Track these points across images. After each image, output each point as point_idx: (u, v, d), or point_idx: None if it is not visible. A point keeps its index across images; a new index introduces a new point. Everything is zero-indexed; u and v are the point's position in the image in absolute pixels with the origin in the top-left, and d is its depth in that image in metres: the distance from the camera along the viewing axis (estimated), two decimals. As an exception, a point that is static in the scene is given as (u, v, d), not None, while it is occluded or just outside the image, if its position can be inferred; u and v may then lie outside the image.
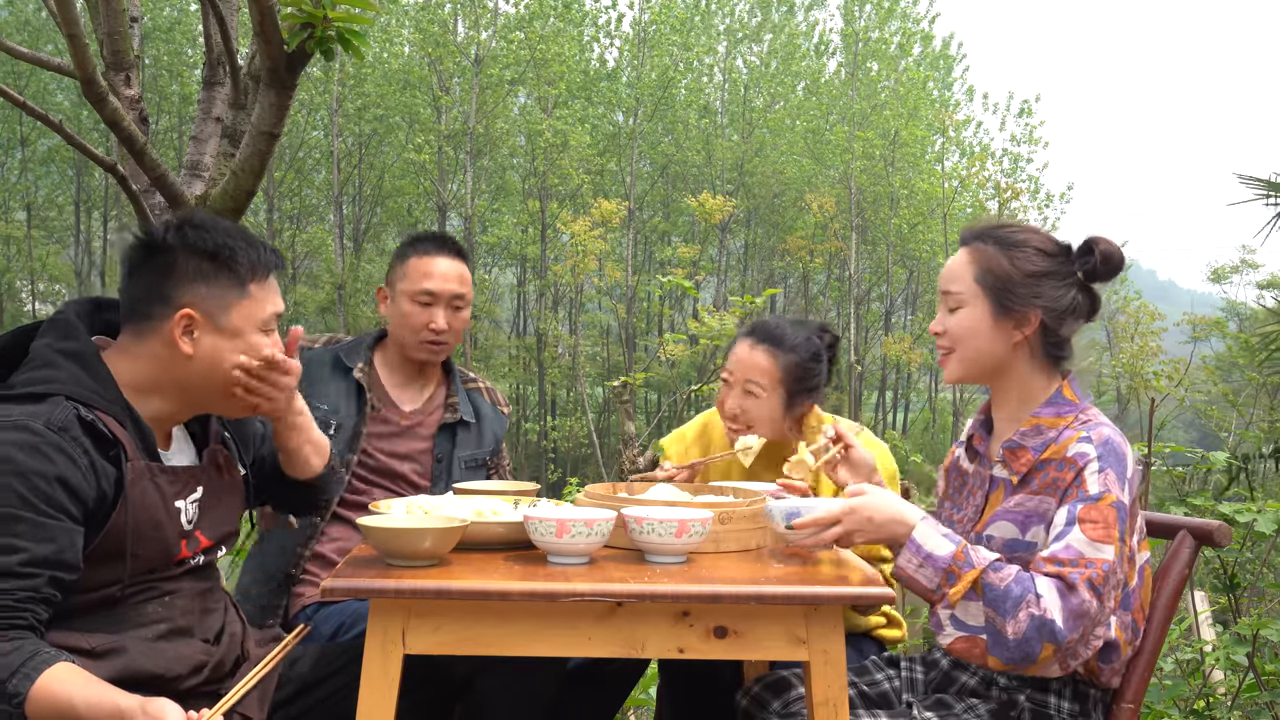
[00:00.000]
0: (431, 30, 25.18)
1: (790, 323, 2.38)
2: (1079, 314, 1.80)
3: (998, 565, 1.61)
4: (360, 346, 2.49)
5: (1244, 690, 3.09)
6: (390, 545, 1.54)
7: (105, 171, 2.65)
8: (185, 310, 1.64)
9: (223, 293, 1.67)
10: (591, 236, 22.20)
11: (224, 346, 1.66)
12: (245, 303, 1.68)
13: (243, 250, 1.69)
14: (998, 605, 1.57)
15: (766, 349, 2.31)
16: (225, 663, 1.71)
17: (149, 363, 1.66)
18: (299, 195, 28.03)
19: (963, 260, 1.82)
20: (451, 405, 2.50)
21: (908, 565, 1.64)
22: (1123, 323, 21.09)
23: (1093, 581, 1.57)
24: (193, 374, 1.66)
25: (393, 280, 2.49)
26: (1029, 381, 1.81)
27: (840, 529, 1.66)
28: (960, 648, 1.62)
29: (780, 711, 1.86)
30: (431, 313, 2.42)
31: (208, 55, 2.90)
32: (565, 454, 27.05)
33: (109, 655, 1.54)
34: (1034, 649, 1.55)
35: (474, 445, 2.51)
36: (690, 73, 28.74)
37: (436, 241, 2.50)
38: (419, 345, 2.43)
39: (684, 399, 9.70)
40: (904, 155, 28.08)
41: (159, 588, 1.65)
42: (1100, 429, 1.71)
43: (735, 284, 30.33)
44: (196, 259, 1.66)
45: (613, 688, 2.28)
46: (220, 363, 1.66)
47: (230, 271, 1.67)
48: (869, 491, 1.70)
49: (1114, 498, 1.63)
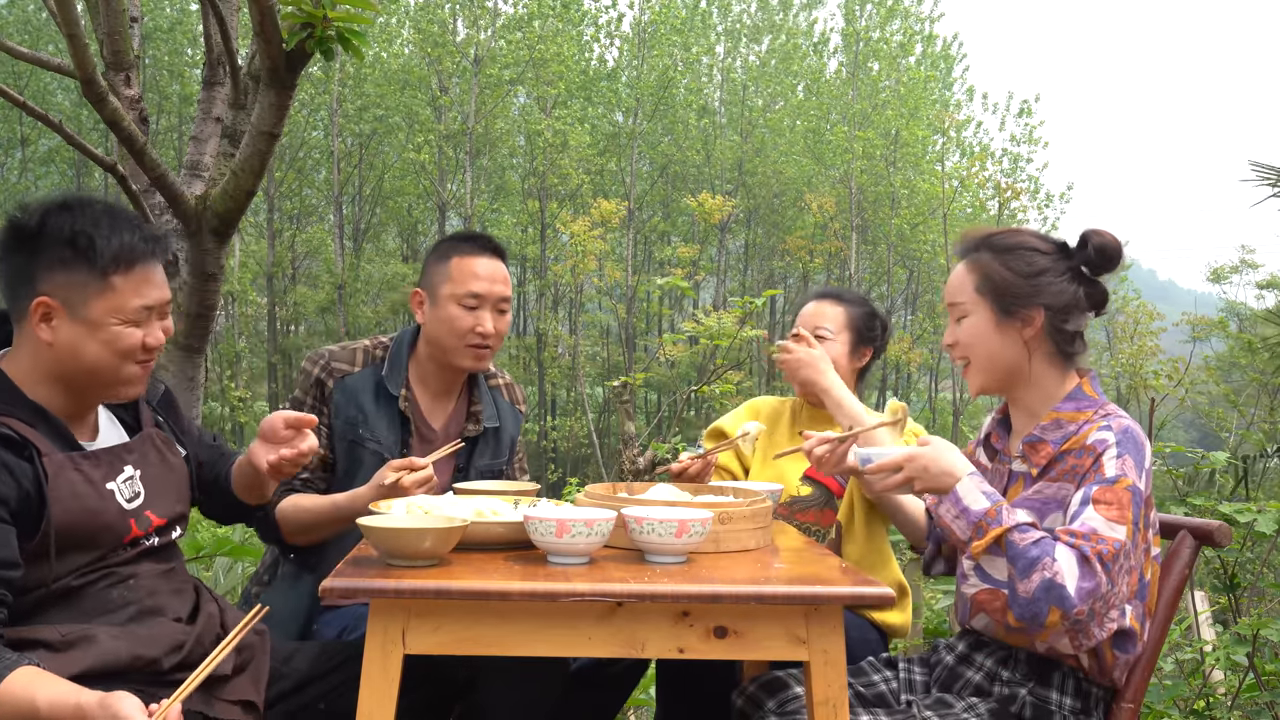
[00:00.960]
0: (431, 30, 25.19)
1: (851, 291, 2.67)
2: (1082, 307, 1.84)
3: (1025, 528, 1.65)
4: (399, 364, 2.33)
5: (1244, 690, 3.09)
6: (390, 545, 1.54)
7: (105, 171, 2.65)
8: (41, 298, 1.58)
9: (82, 282, 1.59)
10: (591, 236, 22.22)
11: (83, 337, 1.59)
12: (106, 294, 1.59)
13: (104, 238, 1.59)
14: (1016, 562, 1.62)
15: (832, 300, 2.57)
16: (205, 640, 1.69)
17: (28, 355, 1.63)
18: (299, 195, 28.03)
19: (962, 272, 1.89)
20: (474, 415, 2.38)
21: (946, 514, 1.72)
22: (1122, 323, 21.09)
23: (1103, 556, 1.59)
24: (57, 363, 1.61)
25: (434, 282, 2.32)
26: (1045, 379, 1.85)
27: (903, 475, 1.78)
28: (983, 599, 1.70)
29: (776, 711, 1.86)
30: (478, 316, 2.27)
31: (208, 55, 2.90)
32: (565, 454, 27.05)
33: (80, 644, 1.54)
34: (1041, 610, 1.58)
35: (491, 455, 2.41)
36: (691, 72, 28.75)
37: (479, 242, 2.36)
38: (464, 350, 2.29)
39: (684, 399, 9.70)
40: (905, 155, 28.09)
41: (117, 572, 1.64)
42: (1120, 420, 1.75)
43: (735, 284, 30.34)
44: (58, 245, 1.59)
45: (614, 690, 2.28)
46: (81, 353, 1.60)
47: (87, 261, 1.58)
48: (932, 443, 1.79)
49: (1130, 481, 1.67)
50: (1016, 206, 25.28)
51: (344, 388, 2.28)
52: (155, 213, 2.74)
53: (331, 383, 2.27)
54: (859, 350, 2.54)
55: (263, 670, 1.75)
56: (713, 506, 1.78)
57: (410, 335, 2.39)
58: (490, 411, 2.41)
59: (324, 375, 2.28)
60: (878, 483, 1.83)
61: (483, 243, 2.37)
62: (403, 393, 2.30)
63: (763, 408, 2.64)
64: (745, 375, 18.90)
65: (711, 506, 1.78)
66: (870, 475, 1.83)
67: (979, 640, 1.89)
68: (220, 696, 1.66)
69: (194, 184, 2.83)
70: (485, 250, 2.34)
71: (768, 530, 1.86)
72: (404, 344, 2.36)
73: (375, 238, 29.58)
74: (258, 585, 2.29)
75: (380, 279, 27.31)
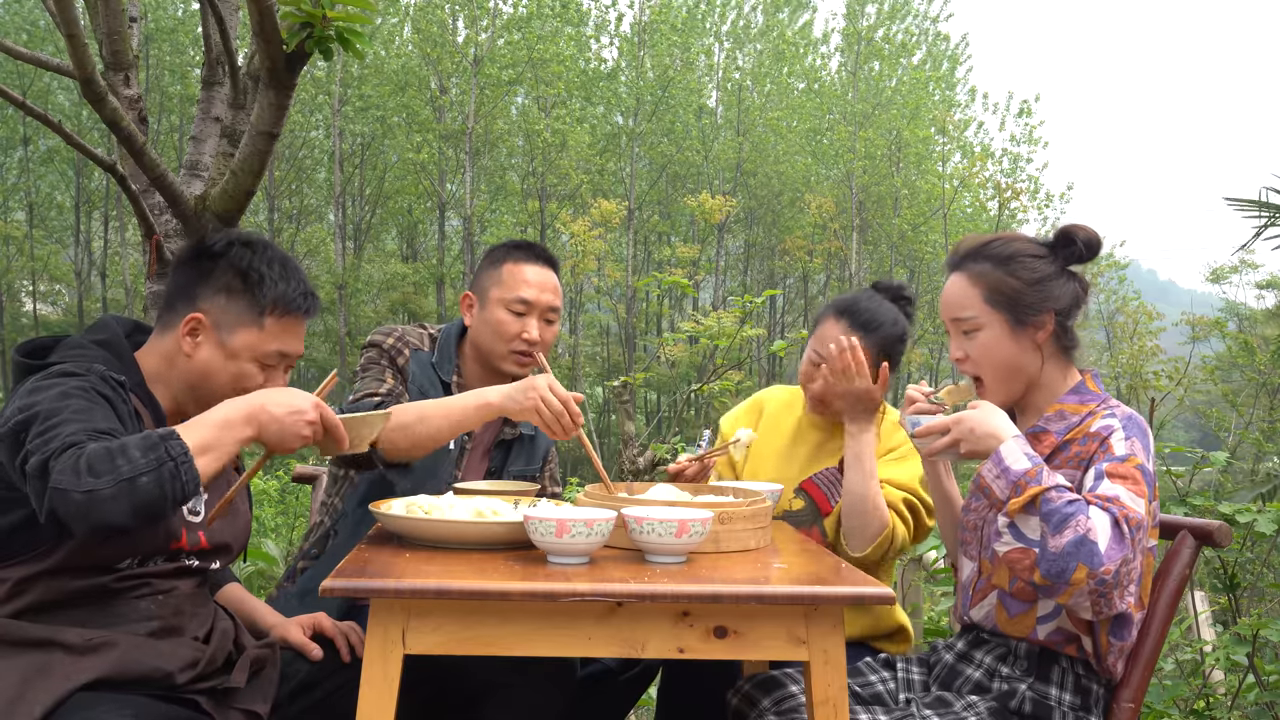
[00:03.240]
0: (431, 31, 25.19)
1: (872, 298, 2.37)
2: (1080, 302, 1.88)
3: (1062, 489, 1.66)
4: (448, 354, 2.36)
5: (1244, 690, 3.09)
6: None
7: (105, 171, 2.64)
8: (197, 314, 1.72)
9: (239, 312, 1.74)
10: (591, 237, 22.21)
11: (218, 361, 1.73)
12: (253, 331, 1.74)
13: (272, 281, 1.75)
14: (1049, 519, 1.63)
15: (862, 336, 2.30)
16: (217, 659, 1.71)
17: (160, 357, 1.74)
18: (299, 195, 28.02)
19: (963, 285, 1.89)
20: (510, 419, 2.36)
21: (987, 474, 1.73)
22: (1122, 323, 21.09)
23: (1129, 521, 1.60)
24: (188, 375, 1.73)
25: (484, 286, 2.35)
26: (1050, 376, 1.88)
27: (950, 437, 1.79)
28: (1014, 557, 1.70)
29: (773, 710, 1.87)
30: (525, 322, 2.30)
31: (207, 55, 2.90)
32: (565, 454, 27.05)
33: (102, 649, 1.55)
34: (1070, 565, 1.58)
35: (525, 461, 2.42)
36: (692, 72, 28.74)
37: (532, 250, 2.39)
38: (508, 355, 2.31)
39: (684, 399, 9.70)
40: (906, 155, 28.08)
41: (153, 584, 1.66)
42: (1124, 409, 1.79)
43: (735, 284, 30.32)
44: (230, 274, 1.74)
45: (623, 697, 2.28)
46: (210, 375, 1.73)
47: (251, 296, 1.74)
48: (980, 406, 1.81)
49: (1139, 460, 1.69)
50: (1016, 206, 25.28)
51: (419, 359, 2.32)
52: (155, 213, 2.74)
53: (408, 352, 2.31)
54: (879, 375, 2.29)
55: (271, 682, 1.78)
56: (713, 506, 1.78)
57: (457, 331, 2.41)
58: None
59: (399, 344, 2.32)
60: (925, 446, 1.85)
61: (537, 252, 2.39)
62: (455, 379, 2.33)
63: (772, 399, 2.55)
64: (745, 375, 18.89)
65: (711, 506, 1.78)
66: (919, 439, 1.85)
67: (978, 637, 1.90)
68: (231, 704, 1.68)
69: (193, 184, 2.83)
70: (538, 259, 2.37)
71: (768, 530, 1.86)
72: (452, 338, 2.39)
73: (375, 238, 29.57)
74: (305, 560, 2.28)
75: (380, 279, 27.32)
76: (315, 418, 1.61)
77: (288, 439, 1.58)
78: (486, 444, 2.40)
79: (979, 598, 1.88)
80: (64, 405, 1.49)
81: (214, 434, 1.50)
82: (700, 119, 29.71)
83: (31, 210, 26.81)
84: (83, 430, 1.44)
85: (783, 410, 2.52)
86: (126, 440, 1.41)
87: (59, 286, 28.17)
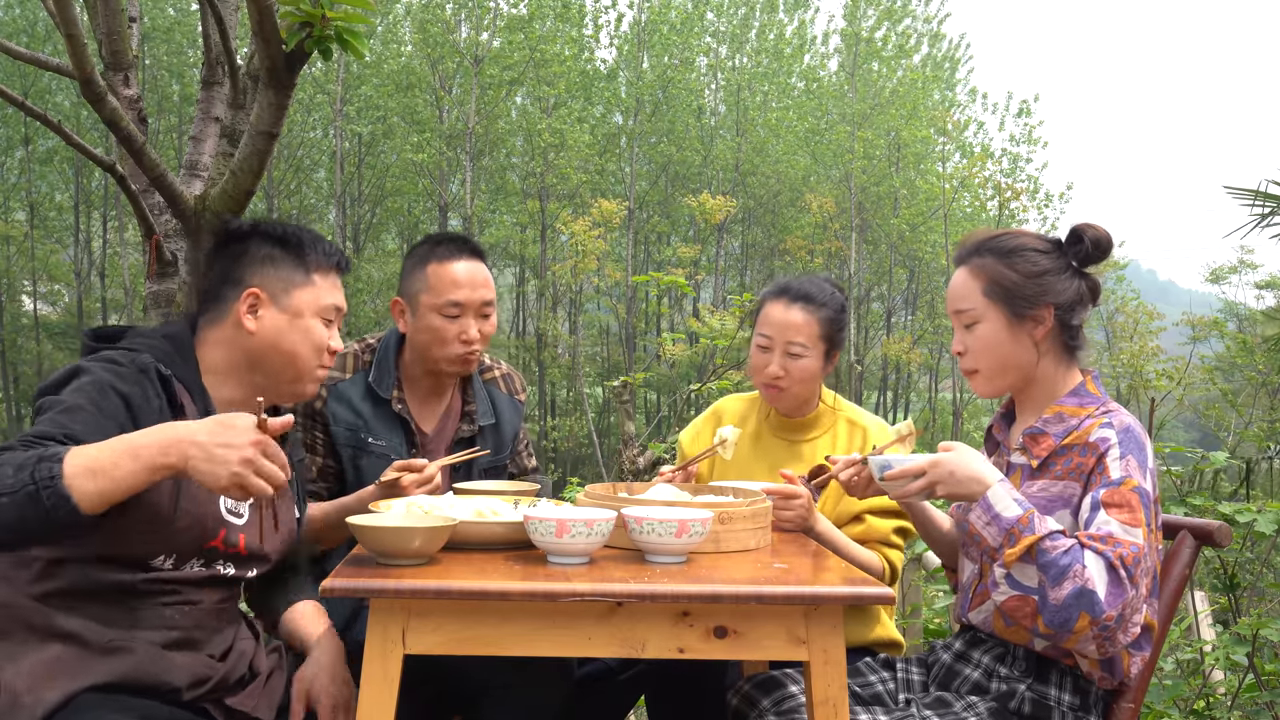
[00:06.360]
0: (432, 31, 25.18)
1: (811, 279, 2.40)
2: (1085, 301, 1.87)
3: (1055, 536, 1.65)
4: (387, 367, 2.27)
5: (1244, 690, 3.09)
6: (378, 544, 1.54)
7: (104, 171, 2.64)
8: (251, 289, 1.77)
9: (288, 275, 1.80)
10: (591, 236, 22.18)
11: (284, 324, 1.77)
12: (308, 288, 1.80)
13: (310, 242, 1.83)
14: (1047, 570, 1.62)
15: (803, 307, 2.32)
16: (229, 678, 1.71)
17: (221, 346, 1.77)
18: (299, 195, 28.01)
19: (965, 279, 1.90)
20: (469, 414, 2.34)
21: (977, 521, 1.72)
22: (1122, 323, 21.08)
23: (1125, 561, 1.60)
24: (255, 350, 1.77)
25: (412, 291, 2.26)
26: (1051, 375, 1.87)
27: (926, 480, 1.75)
28: (1012, 605, 1.71)
29: (773, 710, 1.86)
30: (461, 324, 2.22)
31: (206, 55, 2.89)
32: (565, 454, 27.04)
33: (118, 654, 1.55)
34: (1072, 616, 1.59)
35: (493, 452, 2.36)
36: (691, 72, 28.72)
37: (454, 244, 2.28)
38: (451, 359, 2.24)
39: (684, 399, 9.70)
40: (906, 155, 28.06)
41: (182, 592, 1.66)
42: (1121, 417, 1.77)
43: (735, 284, 30.31)
44: (267, 245, 1.81)
45: (623, 696, 2.27)
46: (281, 340, 1.77)
47: (297, 257, 1.81)
48: (956, 449, 1.77)
49: (1135, 483, 1.68)
50: (1016, 206, 25.25)
51: (338, 394, 2.23)
52: (154, 213, 2.73)
53: (324, 393, 2.22)
54: (830, 357, 2.37)
55: (278, 688, 1.77)
56: (713, 506, 1.78)
57: (395, 338, 2.32)
58: (485, 408, 2.36)
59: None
60: (896, 489, 1.81)
61: (458, 244, 2.28)
62: (394, 394, 2.25)
63: (728, 410, 2.54)
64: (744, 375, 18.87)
65: (711, 506, 1.78)
66: (889, 482, 1.80)
67: (976, 637, 1.90)
68: (237, 708, 1.68)
69: (193, 184, 2.83)
70: (461, 253, 2.26)
71: (768, 530, 1.86)
72: (390, 347, 2.30)
73: (375, 238, 29.54)
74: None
75: (380, 279, 27.30)
76: (251, 455, 1.41)
77: (217, 473, 1.39)
78: (442, 448, 2.32)
79: (979, 600, 1.87)
80: (59, 401, 1.52)
81: (112, 458, 1.38)
82: (700, 119, 29.69)
83: (31, 210, 26.79)
84: (37, 433, 1.46)
85: (742, 422, 2.48)
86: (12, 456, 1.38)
87: (59, 286, 28.15)
